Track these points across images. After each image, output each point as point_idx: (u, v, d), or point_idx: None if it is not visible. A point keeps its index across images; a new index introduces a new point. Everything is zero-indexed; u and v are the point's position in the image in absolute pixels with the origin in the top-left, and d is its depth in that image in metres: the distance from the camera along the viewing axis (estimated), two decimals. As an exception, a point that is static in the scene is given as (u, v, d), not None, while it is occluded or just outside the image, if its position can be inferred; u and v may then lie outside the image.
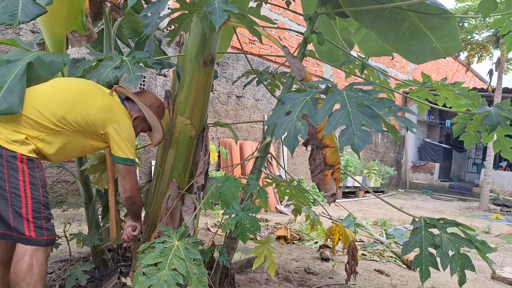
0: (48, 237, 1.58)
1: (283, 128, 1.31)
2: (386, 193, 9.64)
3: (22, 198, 1.52)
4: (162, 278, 1.50)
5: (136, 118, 1.89)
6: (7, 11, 1.51)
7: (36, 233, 1.54)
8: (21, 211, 1.52)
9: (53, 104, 1.62)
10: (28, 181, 1.54)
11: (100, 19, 2.42)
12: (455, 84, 2.22)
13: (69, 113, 1.63)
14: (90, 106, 1.68)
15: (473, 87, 10.99)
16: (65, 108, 1.63)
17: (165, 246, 1.61)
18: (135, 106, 1.90)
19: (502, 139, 2.18)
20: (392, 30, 2.26)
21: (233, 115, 6.33)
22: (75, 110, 1.65)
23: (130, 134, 1.77)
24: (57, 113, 1.61)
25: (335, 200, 1.89)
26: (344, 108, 1.29)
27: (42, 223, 1.56)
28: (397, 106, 1.37)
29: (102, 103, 1.72)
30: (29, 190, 1.54)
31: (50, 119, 1.60)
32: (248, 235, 1.76)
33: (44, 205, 1.58)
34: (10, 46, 2.87)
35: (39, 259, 1.54)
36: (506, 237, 4.99)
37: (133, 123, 1.85)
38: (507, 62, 7.75)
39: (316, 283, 2.70)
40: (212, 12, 1.43)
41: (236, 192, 1.89)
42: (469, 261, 1.60)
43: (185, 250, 1.62)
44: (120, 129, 1.73)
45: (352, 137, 1.19)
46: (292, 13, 6.96)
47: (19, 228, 1.52)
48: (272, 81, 2.88)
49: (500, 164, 11.27)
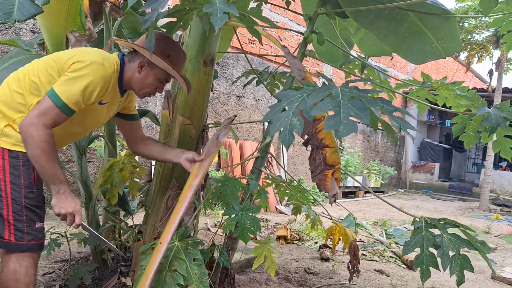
0: (30, 242, 1.43)
1: (278, 124, 1.32)
2: (386, 193, 9.64)
3: (3, 198, 1.40)
4: (163, 280, 1.50)
5: (140, 66, 1.62)
6: (3, 9, 1.51)
7: (16, 236, 1.41)
8: (2, 211, 1.40)
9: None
10: (9, 181, 1.40)
11: (100, 19, 2.42)
12: (455, 84, 2.22)
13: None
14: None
15: (473, 87, 10.99)
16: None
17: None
18: (137, 55, 1.64)
19: (502, 140, 2.18)
20: (392, 30, 2.26)
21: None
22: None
23: (84, 75, 1.44)
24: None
25: (336, 200, 1.89)
26: (335, 98, 1.30)
27: (23, 227, 1.42)
28: (393, 106, 1.37)
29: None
30: (10, 190, 1.40)
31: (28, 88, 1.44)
32: (248, 235, 1.76)
33: (26, 207, 1.43)
34: (10, 47, 2.88)
35: (24, 265, 1.43)
36: (506, 237, 4.99)
37: (140, 75, 1.62)
38: (507, 62, 7.75)
39: (316, 283, 2.70)
40: (212, 13, 1.43)
41: (236, 192, 1.89)
42: (468, 261, 1.60)
43: (186, 251, 1.62)
44: (77, 64, 1.44)
45: (338, 123, 1.20)
46: (292, 13, 6.96)
47: (0, 231, 1.41)
48: (272, 81, 2.88)
49: (500, 164, 11.28)
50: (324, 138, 1.74)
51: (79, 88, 1.43)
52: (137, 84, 1.65)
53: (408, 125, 1.34)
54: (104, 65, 1.49)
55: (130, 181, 2.23)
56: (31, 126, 1.37)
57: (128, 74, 1.64)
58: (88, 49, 1.57)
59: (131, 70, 1.63)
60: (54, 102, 1.40)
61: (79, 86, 1.43)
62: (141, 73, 1.62)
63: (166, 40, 1.67)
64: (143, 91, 1.68)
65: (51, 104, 1.40)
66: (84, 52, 1.51)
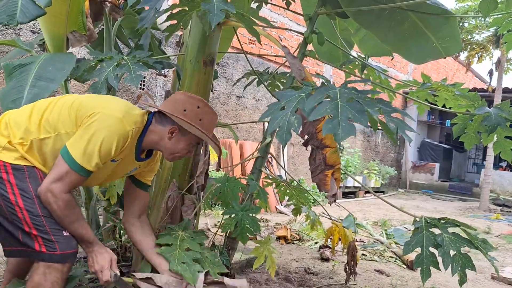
0: (64, 251, 1.35)
1: (276, 122, 1.32)
2: (386, 193, 9.64)
3: (18, 212, 1.33)
4: (178, 254, 1.50)
5: (171, 132, 1.51)
6: (6, 11, 1.51)
7: (47, 247, 1.34)
8: (23, 226, 1.34)
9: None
10: (19, 193, 1.33)
11: (101, 19, 2.42)
12: (455, 85, 2.22)
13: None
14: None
15: (473, 87, 10.99)
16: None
17: (171, 236, 1.63)
18: (167, 119, 1.52)
19: (502, 141, 2.18)
20: (392, 30, 2.26)
21: (233, 115, 6.33)
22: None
23: (96, 131, 1.36)
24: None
25: (336, 200, 1.89)
26: (334, 100, 1.30)
27: (49, 237, 1.34)
28: (392, 107, 1.37)
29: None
30: (22, 202, 1.33)
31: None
32: (247, 236, 1.76)
33: (44, 216, 1.35)
34: (10, 47, 2.88)
35: (49, 279, 1.33)
36: (506, 237, 4.99)
37: (170, 140, 1.51)
38: (507, 62, 7.75)
39: (316, 283, 2.70)
40: (209, 11, 1.43)
41: (236, 192, 1.89)
42: (470, 261, 1.60)
43: (191, 238, 1.63)
44: (90, 118, 1.36)
45: (337, 127, 1.20)
46: (292, 13, 6.96)
47: (29, 243, 1.35)
48: (272, 82, 2.88)
49: (500, 164, 11.27)
50: (324, 138, 1.74)
51: (94, 147, 1.35)
52: (167, 150, 1.55)
53: (406, 126, 1.34)
54: (122, 120, 1.39)
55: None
56: (48, 193, 1.33)
57: (154, 137, 1.53)
58: (113, 101, 1.48)
59: (159, 133, 1.52)
60: (69, 165, 1.34)
61: (93, 145, 1.35)
62: (171, 139, 1.51)
63: (199, 103, 1.56)
64: (173, 156, 1.58)
65: (67, 169, 1.34)
66: (106, 104, 1.43)
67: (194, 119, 1.51)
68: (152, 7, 1.47)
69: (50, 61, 1.66)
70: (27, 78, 1.54)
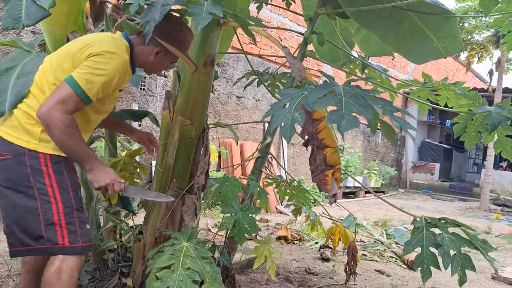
0: (84, 243, 1.46)
1: (280, 119, 1.32)
2: (387, 193, 9.64)
3: (53, 204, 1.42)
4: (177, 279, 1.49)
5: (156, 53, 1.64)
6: (11, 15, 1.51)
7: (70, 239, 1.43)
8: (53, 218, 1.41)
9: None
10: (56, 186, 1.43)
11: (101, 20, 2.42)
12: (456, 84, 2.22)
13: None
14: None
15: (473, 87, 10.97)
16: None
17: (175, 248, 1.62)
18: (152, 40, 1.60)
19: (503, 139, 2.18)
20: (393, 30, 2.26)
21: (233, 116, 6.33)
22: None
23: (100, 66, 1.44)
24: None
25: (336, 200, 1.89)
26: (338, 95, 1.30)
27: (76, 229, 1.45)
28: (394, 106, 1.37)
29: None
30: (59, 194, 1.43)
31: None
32: (245, 236, 1.76)
33: (77, 208, 1.47)
34: (11, 47, 2.88)
35: (70, 265, 1.42)
36: (506, 237, 4.99)
37: (154, 59, 1.65)
38: (507, 62, 7.75)
39: (317, 284, 2.70)
40: (197, 14, 1.45)
41: (236, 192, 1.89)
42: (470, 261, 1.60)
43: (196, 250, 1.62)
44: (95, 58, 1.44)
45: (340, 118, 1.20)
46: (292, 14, 6.96)
47: (52, 238, 1.42)
48: (273, 82, 2.88)
49: (500, 164, 11.27)
50: (325, 138, 1.74)
51: (99, 82, 1.44)
52: (151, 67, 1.70)
53: (409, 125, 1.35)
54: (119, 54, 1.49)
55: (130, 181, 2.23)
56: (52, 114, 1.37)
57: (140, 58, 1.65)
58: (101, 38, 1.54)
59: (144, 53, 1.64)
60: (73, 89, 1.40)
61: (99, 80, 1.44)
62: (156, 58, 1.64)
63: (181, 26, 1.69)
64: (154, 71, 1.74)
65: (71, 92, 1.40)
66: (99, 42, 1.49)
67: (177, 42, 1.64)
68: (152, 19, 1.49)
69: (32, 61, 1.66)
70: (10, 80, 1.55)
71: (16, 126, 1.44)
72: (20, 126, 1.44)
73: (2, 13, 1.54)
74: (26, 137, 1.43)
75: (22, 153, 1.41)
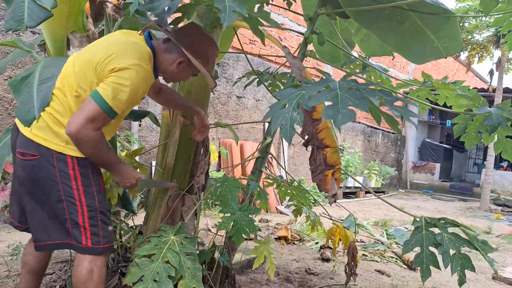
0: (105, 244, 1.54)
1: (279, 120, 1.32)
2: (387, 194, 9.63)
3: (78, 206, 1.48)
4: (154, 270, 1.51)
5: (179, 63, 1.62)
6: (14, 17, 1.52)
7: (93, 241, 1.50)
8: (78, 219, 1.48)
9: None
10: (82, 189, 1.48)
11: (101, 19, 2.42)
12: (456, 83, 2.21)
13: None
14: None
15: (473, 87, 10.97)
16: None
17: (160, 240, 1.63)
18: (177, 49, 1.60)
19: (503, 140, 2.17)
20: (393, 30, 2.26)
21: (233, 116, 6.33)
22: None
23: (125, 82, 1.44)
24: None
25: (336, 200, 1.89)
26: (333, 90, 1.30)
27: (99, 231, 1.52)
28: (393, 96, 1.37)
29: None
30: (84, 198, 1.48)
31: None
32: (242, 237, 1.76)
33: (101, 211, 1.53)
34: (11, 48, 2.88)
35: (98, 265, 1.52)
36: (507, 238, 4.98)
37: (176, 69, 1.63)
38: (507, 62, 7.75)
39: (317, 284, 2.70)
40: (222, 10, 1.42)
41: (235, 192, 1.89)
42: (469, 261, 1.60)
43: (180, 245, 1.62)
44: (120, 73, 1.44)
45: (336, 113, 1.21)
46: (292, 14, 6.97)
47: (77, 237, 1.50)
48: (273, 82, 2.87)
49: (501, 164, 11.26)
50: (325, 138, 1.74)
51: (125, 97, 1.45)
52: (171, 76, 1.69)
53: (411, 113, 1.33)
54: (143, 66, 1.48)
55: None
56: (82, 132, 1.40)
57: (162, 65, 1.64)
58: (124, 47, 1.51)
59: (167, 62, 1.63)
60: (101, 107, 1.41)
61: (125, 95, 1.45)
62: (178, 68, 1.63)
63: (208, 42, 1.67)
64: (173, 80, 1.77)
65: (98, 109, 1.41)
66: (122, 52, 1.48)
67: (202, 57, 1.62)
68: (165, 10, 1.50)
69: (47, 65, 1.67)
70: (33, 88, 1.57)
71: (44, 128, 1.48)
72: (47, 128, 1.48)
73: (3, 13, 1.54)
74: (53, 139, 1.47)
75: (50, 155, 1.46)
